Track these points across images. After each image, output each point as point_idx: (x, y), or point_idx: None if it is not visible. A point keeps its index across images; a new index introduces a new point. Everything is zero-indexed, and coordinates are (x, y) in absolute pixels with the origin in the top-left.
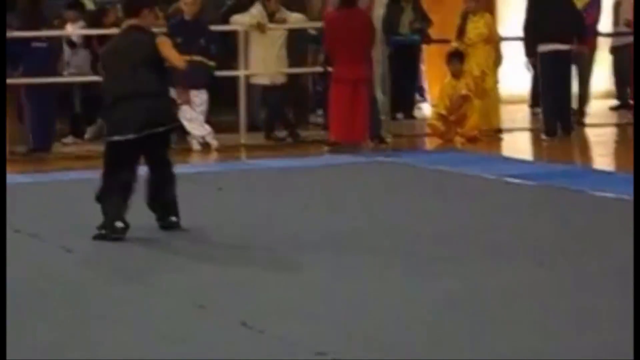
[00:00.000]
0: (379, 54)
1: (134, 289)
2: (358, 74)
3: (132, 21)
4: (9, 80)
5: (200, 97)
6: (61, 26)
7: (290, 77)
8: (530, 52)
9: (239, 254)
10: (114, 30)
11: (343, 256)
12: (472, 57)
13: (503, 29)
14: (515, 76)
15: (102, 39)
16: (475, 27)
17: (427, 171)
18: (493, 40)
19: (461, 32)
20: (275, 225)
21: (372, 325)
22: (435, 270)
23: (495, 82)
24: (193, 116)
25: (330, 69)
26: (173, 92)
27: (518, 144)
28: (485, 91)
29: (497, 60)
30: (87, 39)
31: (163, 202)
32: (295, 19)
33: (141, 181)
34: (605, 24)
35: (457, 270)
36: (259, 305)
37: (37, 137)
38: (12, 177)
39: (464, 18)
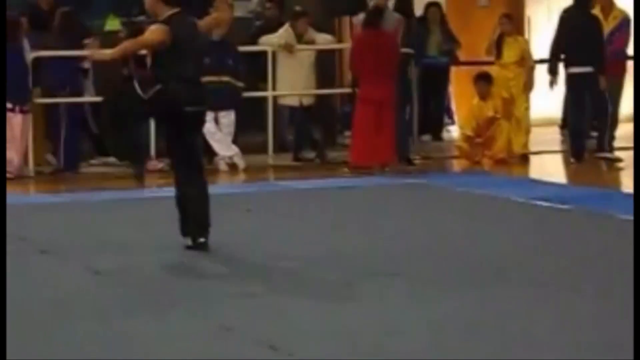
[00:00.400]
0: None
1: (159, 310)
2: (383, 94)
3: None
4: (53, 100)
5: (228, 118)
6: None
7: (319, 98)
8: (553, 70)
9: (267, 275)
10: None
11: (371, 278)
12: (503, 79)
13: (534, 52)
14: (546, 98)
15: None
16: (509, 49)
17: (454, 193)
18: (526, 64)
19: (498, 54)
20: (303, 246)
21: (400, 349)
22: (460, 294)
23: (526, 107)
24: (221, 137)
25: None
26: None
27: (547, 167)
28: (514, 114)
29: (529, 84)
30: None
31: (195, 219)
32: (324, 40)
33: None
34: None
35: (482, 294)
36: (287, 327)
37: (67, 157)
38: (41, 197)
39: (500, 40)
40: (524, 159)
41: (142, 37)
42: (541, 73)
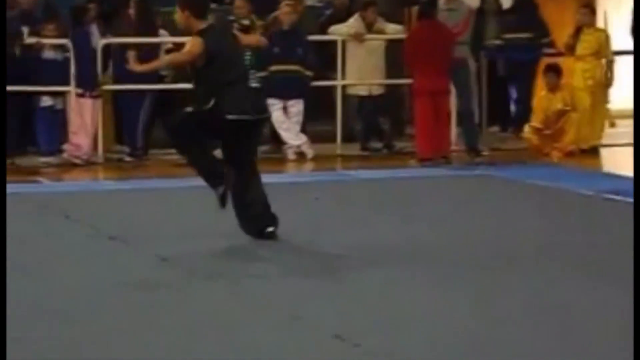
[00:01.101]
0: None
1: (227, 298)
2: (438, 86)
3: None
4: (123, 87)
5: (296, 107)
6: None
7: (387, 88)
8: None
9: (334, 264)
10: None
11: (437, 269)
12: (579, 70)
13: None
14: (625, 90)
15: None
16: (586, 40)
17: (522, 185)
18: (603, 56)
19: (573, 46)
20: (370, 236)
21: (467, 341)
22: (524, 286)
23: (605, 100)
24: (289, 126)
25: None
26: None
27: (618, 160)
28: (587, 106)
29: (610, 79)
30: None
31: (262, 214)
32: (394, 30)
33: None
34: None
35: (550, 286)
36: (354, 318)
37: (137, 144)
38: (110, 184)
39: (578, 31)
40: (595, 151)
41: (181, 52)
42: (622, 65)
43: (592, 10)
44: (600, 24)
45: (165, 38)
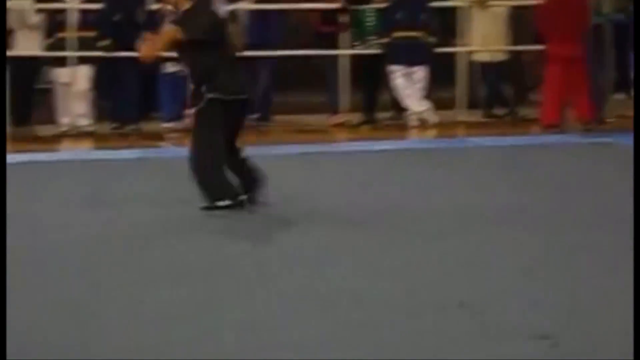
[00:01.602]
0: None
1: (344, 266)
2: (573, 51)
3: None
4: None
5: (420, 73)
6: None
7: (511, 54)
8: None
9: (455, 231)
10: None
11: (555, 236)
12: None
13: None
14: None
15: None
16: None
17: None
18: None
19: None
20: (492, 203)
21: (590, 308)
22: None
23: None
24: (412, 92)
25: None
26: None
27: None
28: None
29: None
30: None
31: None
32: None
33: None
34: None
35: None
36: (477, 285)
37: (260, 110)
38: None
39: None
40: None
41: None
42: None
43: None
44: None
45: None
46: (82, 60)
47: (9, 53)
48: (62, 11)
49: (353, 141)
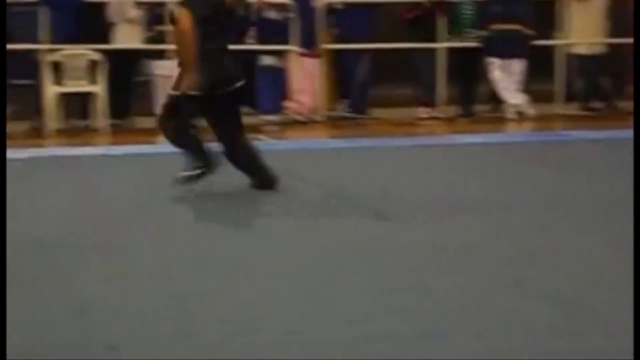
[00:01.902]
0: None
1: (457, 260)
2: None
3: None
4: (344, 46)
5: (517, 66)
6: None
7: (609, 47)
8: None
9: (543, 227)
10: None
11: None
12: None
13: None
14: None
15: None
16: None
17: None
18: None
19: None
20: (590, 196)
21: None
22: None
23: None
24: (509, 85)
25: None
26: None
27: None
28: None
29: None
30: None
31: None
32: None
33: None
34: None
35: None
36: (572, 279)
37: (358, 102)
38: (331, 142)
39: None
40: None
41: (182, 33)
42: None
43: None
44: None
45: None
46: None
47: (109, 46)
48: (161, 4)
49: (450, 134)
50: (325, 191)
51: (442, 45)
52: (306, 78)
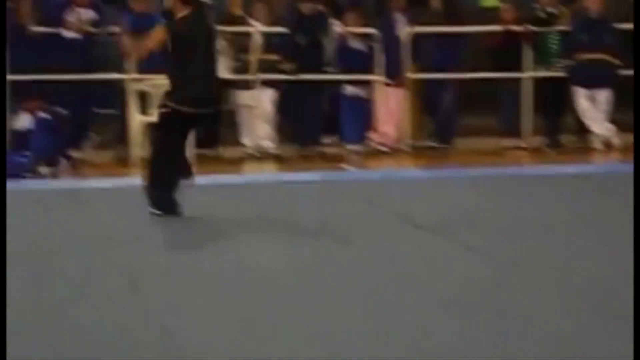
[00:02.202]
0: None
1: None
2: None
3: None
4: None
5: (604, 96)
6: None
7: None
8: None
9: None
10: None
11: None
12: None
13: None
14: None
15: None
16: None
17: None
18: None
19: None
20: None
21: None
22: None
23: None
24: (595, 115)
25: None
26: None
27: None
28: None
29: None
30: None
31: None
32: None
33: None
34: None
35: None
36: None
37: (443, 133)
38: (416, 171)
39: None
40: None
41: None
42: None
43: None
44: None
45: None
46: (266, 83)
47: None
48: (246, 34)
49: (536, 164)
50: (408, 220)
51: (527, 75)
52: (390, 108)
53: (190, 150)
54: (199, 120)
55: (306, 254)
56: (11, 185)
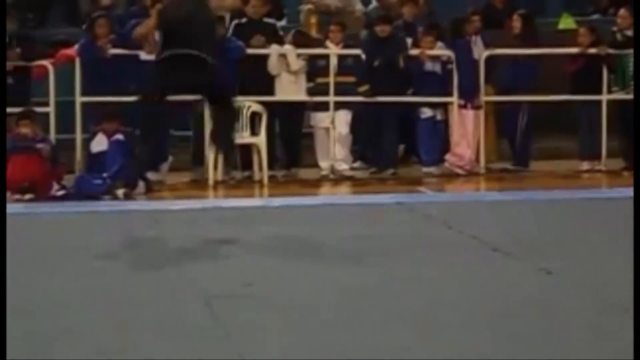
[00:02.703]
0: None
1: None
2: None
3: None
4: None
5: None
6: None
7: None
8: None
9: None
10: None
11: None
12: None
13: None
14: None
15: None
16: None
17: None
18: None
19: None
20: None
21: None
22: None
23: None
24: None
25: None
26: None
27: None
28: None
29: None
30: None
31: None
32: None
33: None
34: None
35: None
36: None
37: (520, 154)
38: (492, 194)
39: None
40: None
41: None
42: None
43: None
44: None
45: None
46: (342, 105)
47: (271, 98)
48: (322, 56)
49: (614, 187)
50: (484, 243)
51: (605, 97)
52: (466, 130)
53: (265, 172)
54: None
55: (387, 276)
56: (87, 207)
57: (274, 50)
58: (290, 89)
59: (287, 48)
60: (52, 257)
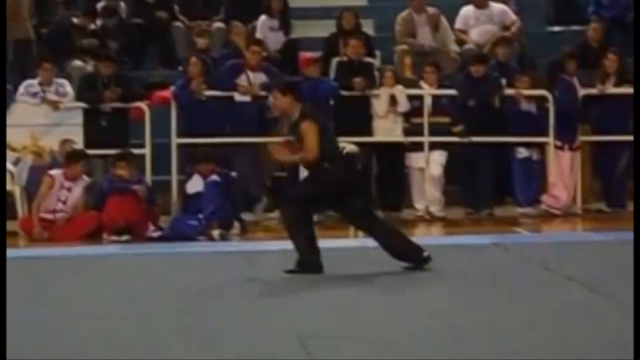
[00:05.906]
0: None
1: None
2: None
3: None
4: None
5: None
6: None
7: None
8: None
9: None
10: None
11: None
12: None
13: None
14: None
15: None
16: None
17: None
18: None
19: None
20: None
21: None
22: None
23: None
24: None
25: None
26: None
27: None
28: None
29: None
30: None
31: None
32: None
33: None
34: None
35: None
36: None
37: (616, 196)
38: (589, 235)
39: None
40: None
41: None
42: None
43: None
44: None
45: None
46: (437, 145)
47: (372, 139)
48: (418, 97)
49: None
50: (581, 285)
51: None
52: (563, 171)
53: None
54: None
55: (485, 317)
56: (183, 248)
57: (384, 92)
58: (392, 129)
59: (399, 89)
60: (148, 297)
